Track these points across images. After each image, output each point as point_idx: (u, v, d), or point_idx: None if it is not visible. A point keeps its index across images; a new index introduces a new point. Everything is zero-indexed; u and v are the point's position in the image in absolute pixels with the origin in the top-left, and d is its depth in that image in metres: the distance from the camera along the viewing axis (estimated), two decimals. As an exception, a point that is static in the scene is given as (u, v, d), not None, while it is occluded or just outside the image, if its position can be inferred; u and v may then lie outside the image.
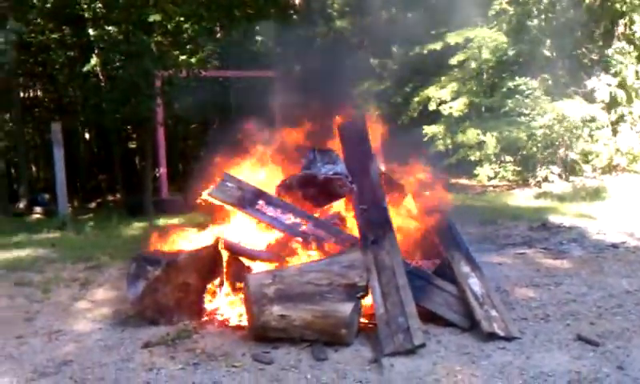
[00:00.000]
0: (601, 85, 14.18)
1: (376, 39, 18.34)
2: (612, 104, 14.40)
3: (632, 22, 14.39)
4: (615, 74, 14.26)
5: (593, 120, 13.94)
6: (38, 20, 15.33)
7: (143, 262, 5.19)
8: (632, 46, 14.30)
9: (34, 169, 18.08)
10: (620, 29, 14.84)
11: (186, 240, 6.07)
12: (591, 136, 14.13)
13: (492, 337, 4.54)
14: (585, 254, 7.35)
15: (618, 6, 14.02)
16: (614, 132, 14.45)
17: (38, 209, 14.08)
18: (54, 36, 15.66)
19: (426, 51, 17.06)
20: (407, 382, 3.89)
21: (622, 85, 14.17)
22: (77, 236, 9.64)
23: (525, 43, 15.36)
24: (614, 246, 7.65)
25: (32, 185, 16.23)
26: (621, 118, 14.54)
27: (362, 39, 19.65)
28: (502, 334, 4.56)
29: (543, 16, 15.28)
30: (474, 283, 5.05)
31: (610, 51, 14.44)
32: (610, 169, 14.30)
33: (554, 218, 9.52)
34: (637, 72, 14.08)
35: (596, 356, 4.23)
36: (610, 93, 14.14)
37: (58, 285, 6.49)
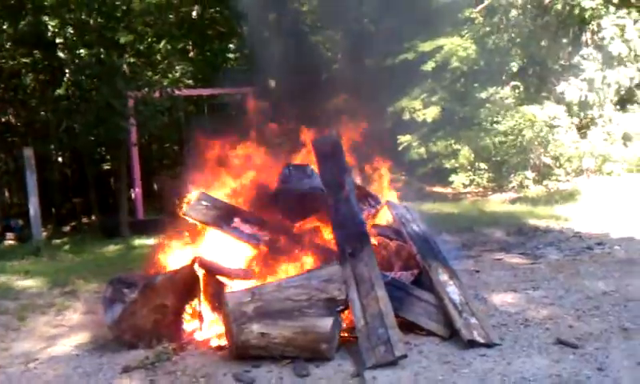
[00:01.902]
0: (572, 89, 14.37)
1: (349, 52, 18.41)
2: (583, 106, 14.59)
3: (599, 28, 14.62)
4: (584, 80, 14.46)
5: (553, 120, 14.09)
6: (8, 45, 15.17)
7: (119, 285, 5.12)
8: (597, 52, 14.51)
9: (6, 194, 17.80)
10: (588, 35, 15.05)
11: (163, 261, 6.02)
12: (556, 139, 14.29)
13: (472, 344, 4.56)
14: (561, 257, 7.44)
15: (584, 12, 14.22)
16: (584, 135, 14.64)
17: (10, 235, 13.85)
18: (24, 60, 15.50)
19: (397, 61, 17.16)
20: (390, 394, 3.89)
21: (591, 89, 14.37)
22: (51, 261, 9.51)
23: (494, 54, 15.54)
24: (590, 248, 7.74)
25: (5, 210, 15.97)
26: (591, 121, 14.74)
27: (335, 53, 19.73)
28: (482, 340, 4.58)
29: (510, 26, 15.48)
30: (453, 291, 5.07)
31: (577, 58, 14.65)
32: (581, 171, 14.48)
33: (529, 223, 9.61)
34: (604, 77, 14.28)
35: (576, 358, 4.27)
36: (580, 96, 14.32)
37: (33, 312, 6.38)
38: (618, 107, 14.96)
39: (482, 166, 15.39)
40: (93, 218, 16.29)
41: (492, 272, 6.89)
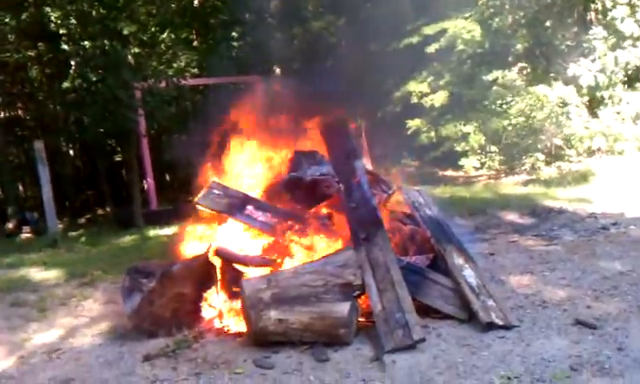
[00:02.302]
0: (581, 70, 14.26)
1: (353, 37, 18.35)
2: (593, 87, 14.49)
3: (604, 8, 14.50)
4: (594, 60, 14.35)
5: (565, 104, 14.02)
6: (11, 38, 15.20)
7: (137, 275, 5.18)
8: (606, 31, 14.40)
9: (21, 188, 17.91)
10: (592, 14, 14.92)
11: (179, 250, 6.06)
12: (569, 119, 14.21)
13: (491, 326, 4.57)
14: (576, 238, 7.40)
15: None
16: (594, 115, 14.55)
17: (27, 228, 13.96)
18: (29, 53, 15.54)
19: (402, 45, 17.09)
20: (410, 377, 3.91)
21: (602, 70, 14.27)
22: (68, 253, 9.57)
23: (499, 34, 15.45)
24: (605, 228, 7.70)
25: (20, 204, 16.08)
26: (601, 101, 14.63)
27: (339, 38, 19.67)
28: (500, 323, 4.59)
29: (514, 7, 15.37)
30: (469, 274, 5.08)
31: (586, 38, 14.54)
32: (592, 152, 14.39)
33: (543, 204, 9.56)
34: (616, 58, 14.17)
35: (595, 339, 4.27)
36: (595, 77, 14.22)
37: (53, 303, 6.43)
38: (626, 86, 14.85)
39: (493, 148, 15.32)
40: (107, 209, 16.40)
41: (507, 254, 6.87)
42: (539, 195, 10.57)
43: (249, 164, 6.82)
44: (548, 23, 15.22)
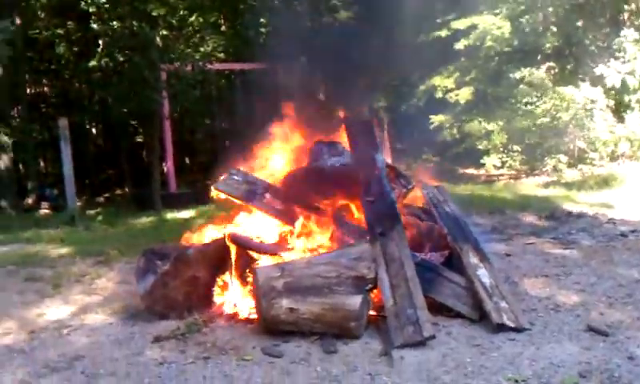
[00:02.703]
0: (610, 71, 14.08)
1: (381, 29, 18.26)
2: (622, 90, 14.30)
3: (638, 9, 14.30)
4: (625, 62, 14.16)
5: (590, 104, 13.85)
6: (42, 15, 15.37)
7: (152, 256, 5.21)
8: (638, 33, 14.20)
9: (42, 164, 18.13)
10: (626, 16, 14.72)
11: (195, 234, 6.09)
12: (594, 122, 14.05)
13: (502, 328, 4.52)
14: (594, 243, 7.31)
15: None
16: (620, 119, 14.37)
17: (46, 204, 14.14)
18: (58, 31, 15.69)
19: (431, 39, 16.98)
20: (417, 374, 3.90)
21: (631, 72, 14.08)
22: (86, 231, 9.69)
23: (529, 32, 15.27)
24: (624, 234, 7.60)
25: (40, 180, 16.28)
26: (628, 105, 14.44)
27: (366, 29, 19.57)
28: (511, 325, 4.55)
29: (546, 5, 15.19)
30: (483, 274, 5.04)
31: (617, 40, 14.34)
32: (616, 156, 14.23)
33: (562, 207, 9.48)
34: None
35: (606, 346, 4.22)
36: (622, 80, 14.03)
37: (68, 280, 6.53)
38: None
39: (515, 148, 15.21)
40: (126, 189, 16.54)
41: (523, 256, 6.81)
42: (559, 198, 10.48)
43: (271, 151, 6.82)
44: (579, 23, 15.02)
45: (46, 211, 13.53)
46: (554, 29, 15.35)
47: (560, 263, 6.42)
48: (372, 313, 4.83)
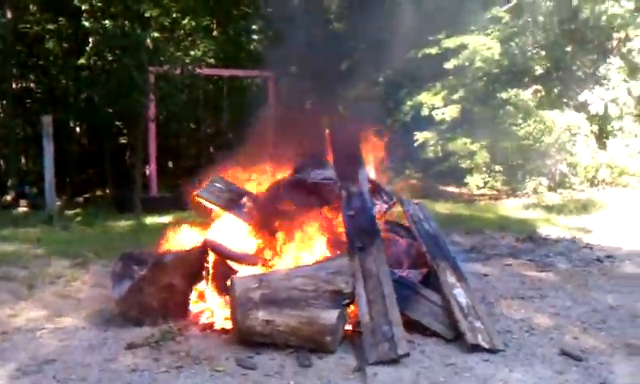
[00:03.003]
0: (594, 98, 14.25)
1: (372, 43, 18.33)
2: (604, 117, 14.48)
3: (627, 38, 14.50)
4: (609, 89, 14.35)
5: (574, 132, 14.01)
6: (33, 10, 15.27)
7: (129, 261, 5.18)
8: (624, 62, 14.40)
9: (23, 161, 17.96)
10: (614, 43, 14.91)
11: (174, 240, 6.05)
12: (575, 146, 14.22)
13: (476, 348, 4.54)
14: (571, 267, 7.38)
15: (613, 20, 14.08)
16: (602, 145, 14.54)
17: (24, 202, 13.98)
18: (49, 27, 15.59)
19: (420, 55, 17.06)
20: (390, 391, 3.90)
21: (613, 100, 14.27)
22: (63, 231, 9.59)
23: (518, 56, 15.41)
24: (600, 260, 7.68)
25: (20, 177, 16.12)
26: (610, 133, 14.62)
27: (357, 42, 19.64)
28: (485, 346, 4.57)
29: (537, 29, 15.36)
30: (460, 294, 5.05)
31: (603, 67, 14.52)
32: (597, 182, 14.39)
33: (541, 230, 9.57)
34: (629, 89, 14.17)
35: (579, 371, 4.25)
36: (605, 106, 14.22)
37: (43, 281, 6.46)
38: (636, 119, 14.84)
39: (498, 168, 15.32)
40: (107, 191, 16.42)
41: (500, 277, 6.86)
42: (538, 220, 10.57)
43: (255, 161, 6.80)
44: (568, 48, 15.19)
45: (25, 209, 13.37)
46: (543, 53, 15.51)
47: (536, 286, 6.48)
48: (348, 328, 4.83)
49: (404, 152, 15.30)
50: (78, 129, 18.56)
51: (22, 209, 13.44)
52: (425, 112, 16.62)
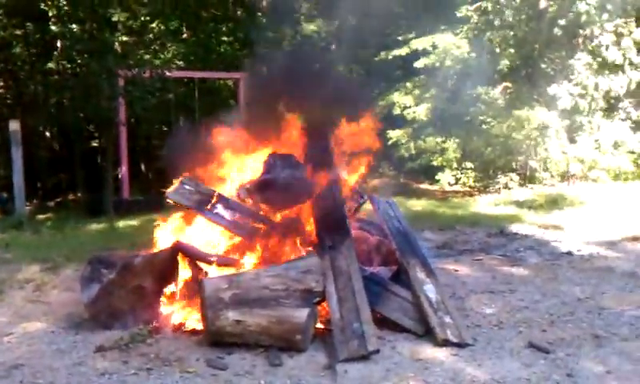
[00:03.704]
0: (563, 92, 14.44)
1: (343, 44, 18.40)
2: (573, 112, 14.68)
3: (593, 34, 14.71)
4: (577, 84, 14.55)
5: (546, 127, 14.19)
6: (0, 16, 15.07)
7: (98, 265, 5.14)
8: (591, 57, 14.61)
9: (-7, 166, 17.75)
10: (581, 40, 15.11)
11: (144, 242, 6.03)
12: (545, 142, 14.39)
13: (445, 343, 4.59)
14: (540, 261, 7.47)
15: (579, 17, 14.27)
16: (572, 140, 14.74)
17: (-5, 208, 13.81)
18: (16, 32, 15.41)
19: (391, 56, 17.18)
20: (360, 388, 3.92)
21: (582, 95, 14.47)
22: (33, 236, 9.47)
23: (487, 52, 15.56)
24: (569, 253, 7.79)
25: (-10, 183, 15.92)
26: (580, 127, 14.83)
27: (328, 43, 19.70)
28: (455, 340, 4.62)
29: (505, 27, 15.53)
30: (429, 290, 5.10)
31: (571, 62, 14.72)
32: (567, 177, 14.59)
33: (512, 225, 9.66)
34: (596, 84, 14.38)
35: (546, 363, 4.31)
36: (572, 101, 14.41)
37: (11, 286, 6.38)
38: (605, 114, 15.08)
39: (469, 165, 15.46)
40: (78, 194, 16.26)
41: (471, 272, 6.92)
42: (509, 216, 10.68)
43: (226, 163, 6.78)
44: (536, 45, 15.37)
45: (-5, 215, 13.21)
46: (512, 50, 15.68)
47: (506, 280, 6.55)
48: (319, 326, 4.84)
49: (377, 151, 15.36)
50: (48, 133, 18.36)
51: (-7, 214, 13.27)
52: (397, 111, 16.73)
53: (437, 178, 15.49)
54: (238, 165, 6.74)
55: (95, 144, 17.65)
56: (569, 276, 6.70)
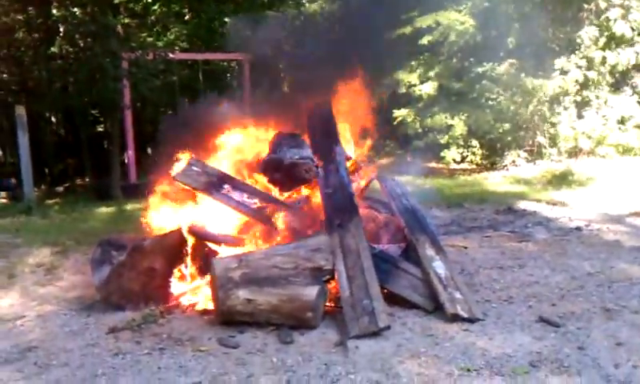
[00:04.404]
0: (571, 65, 14.34)
1: (346, 24, 18.28)
2: (583, 86, 14.58)
3: (598, 8, 14.57)
4: (583, 57, 14.44)
5: (566, 93, 14.09)
6: (1, 1, 15.00)
7: (108, 247, 5.17)
8: (598, 30, 14.48)
9: (0, 153, 17.77)
10: (585, 14, 14.97)
11: (153, 224, 6.04)
12: (554, 116, 14.32)
13: (455, 318, 4.61)
14: (549, 236, 7.47)
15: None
16: (580, 116, 14.65)
17: (3, 194, 13.84)
18: (18, 17, 15.35)
19: (395, 36, 17.04)
20: (372, 364, 3.93)
21: (590, 68, 14.37)
22: (43, 221, 9.52)
23: (492, 28, 15.43)
24: (578, 228, 7.78)
25: (-2, 169, 15.98)
26: (587, 103, 14.74)
27: (332, 23, 19.57)
28: (465, 315, 4.63)
29: (509, 2, 15.37)
30: (439, 266, 5.11)
31: (578, 36, 14.59)
32: (575, 152, 14.52)
33: (520, 202, 9.65)
34: (604, 58, 14.27)
35: (557, 337, 4.32)
36: (584, 75, 14.31)
37: (23, 270, 6.43)
38: (612, 89, 14.97)
39: (476, 142, 15.40)
40: (86, 179, 16.29)
41: (480, 249, 6.93)
42: (517, 192, 10.67)
43: (232, 143, 6.79)
44: (542, 20, 15.22)
45: (4, 201, 13.24)
46: (517, 25, 15.54)
47: (515, 256, 6.56)
48: (329, 304, 4.87)
49: (383, 129, 15.32)
50: (54, 119, 18.37)
51: (1, 200, 13.31)
52: (402, 90, 16.63)
53: (442, 154, 15.43)
54: (245, 145, 6.74)
55: (101, 129, 17.64)
56: (578, 251, 6.70)
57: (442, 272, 5.05)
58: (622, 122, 14.53)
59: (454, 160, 15.33)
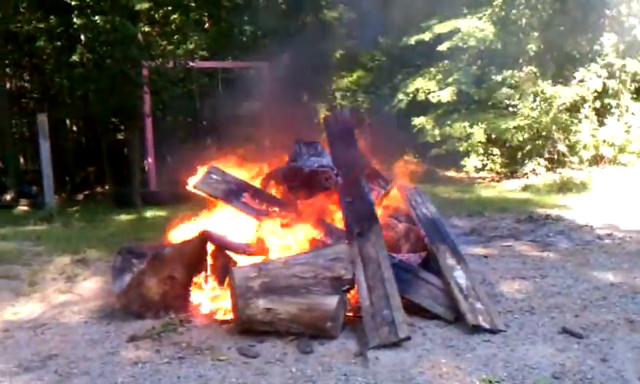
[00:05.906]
0: (592, 75, 14.23)
1: (364, 30, 18.31)
2: (602, 94, 14.46)
3: (619, 15, 14.46)
4: (604, 66, 14.33)
5: (572, 109, 14.00)
6: (22, 10, 15.20)
7: (128, 255, 5.17)
8: (618, 38, 14.36)
9: (21, 160, 17.98)
10: (606, 21, 14.86)
11: (174, 233, 6.06)
12: (577, 123, 14.20)
13: (477, 329, 4.55)
14: (571, 246, 7.39)
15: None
16: (601, 123, 14.52)
17: (24, 201, 14.00)
18: (40, 26, 15.55)
19: (413, 42, 17.06)
20: (392, 374, 3.90)
21: (611, 76, 14.25)
22: (64, 228, 9.60)
23: (512, 35, 15.36)
24: (600, 238, 7.69)
25: (20, 176, 16.12)
26: (608, 110, 14.60)
27: (350, 30, 19.62)
28: (486, 326, 4.58)
29: (529, 9, 15.29)
30: (459, 276, 5.06)
31: (600, 41, 14.49)
32: (596, 161, 14.38)
33: (541, 210, 9.57)
34: (624, 65, 14.14)
35: (580, 348, 4.25)
36: (603, 83, 14.20)
37: (44, 278, 6.47)
38: (634, 96, 14.83)
39: (496, 151, 15.31)
40: (106, 187, 16.42)
41: (501, 258, 6.87)
42: (538, 201, 10.58)
43: (251, 151, 6.81)
44: (562, 28, 15.13)
45: (25, 208, 13.39)
46: (536, 34, 15.46)
47: (537, 265, 6.48)
48: (349, 314, 4.83)
49: (402, 137, 15.31)
50: (75, 127, 18.55)
51: (22, 208, 13.46)
52: (421, 97, 16.61)
53: (462, 163, 15.36)
54: (263, 154, 6.76)
55: (121, 136, 17.78)
56: (600, 261, 6.61)
57: (463, 282, 5.00)
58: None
59: (475, 168, 15.25)
